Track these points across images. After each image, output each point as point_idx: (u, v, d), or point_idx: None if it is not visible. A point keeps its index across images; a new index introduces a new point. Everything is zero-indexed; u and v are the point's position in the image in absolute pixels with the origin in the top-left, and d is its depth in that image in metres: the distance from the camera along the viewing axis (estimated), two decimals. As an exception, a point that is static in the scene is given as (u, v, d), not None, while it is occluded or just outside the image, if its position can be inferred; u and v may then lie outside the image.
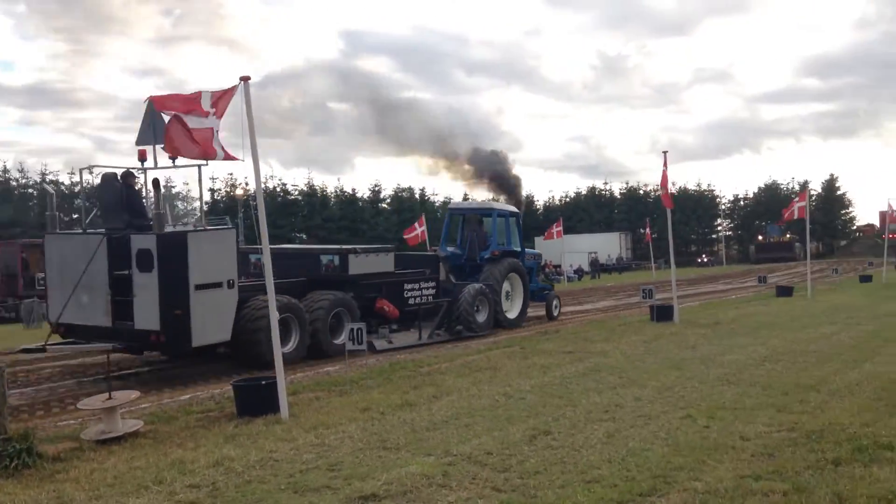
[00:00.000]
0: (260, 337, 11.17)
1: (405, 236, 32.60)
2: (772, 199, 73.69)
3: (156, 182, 11.32)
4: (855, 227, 76.61)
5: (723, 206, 77.53)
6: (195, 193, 63.46)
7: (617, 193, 77.84)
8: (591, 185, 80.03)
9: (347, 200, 62.35)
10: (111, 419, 7.31)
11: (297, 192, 59.96)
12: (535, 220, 61.34)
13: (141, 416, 8.21)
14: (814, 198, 66.60)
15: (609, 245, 61.68)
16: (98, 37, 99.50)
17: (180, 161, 9.40)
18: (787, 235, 64.42)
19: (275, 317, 8.21)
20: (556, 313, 19.46)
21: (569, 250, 47.47)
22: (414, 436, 6.88)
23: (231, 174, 54.56)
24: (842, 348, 11.55)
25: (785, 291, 23.98)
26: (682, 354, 11.42)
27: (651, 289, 18.78)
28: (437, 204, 68.60)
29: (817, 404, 7.57)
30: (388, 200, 66.00)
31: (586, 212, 74.54)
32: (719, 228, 78.30)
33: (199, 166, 10.71)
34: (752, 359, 10.73)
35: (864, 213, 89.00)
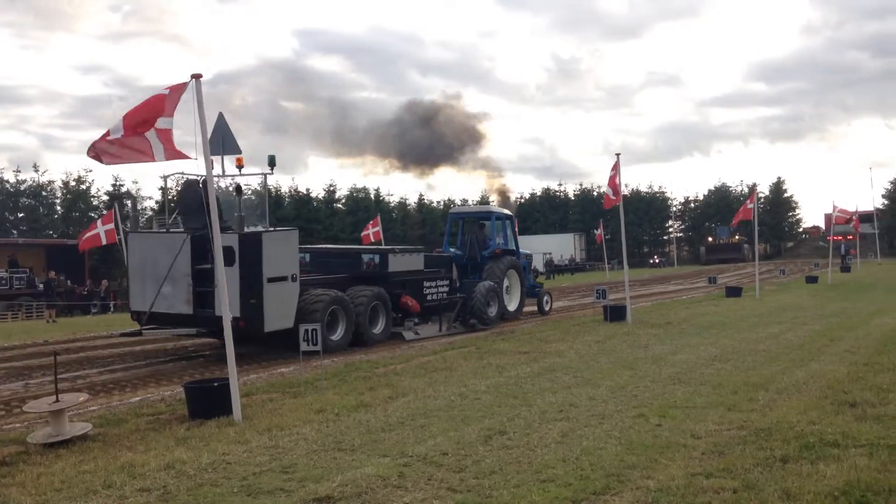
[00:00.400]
0: (332, 325, 13.21)
1: (361, 235, 32.49)
2: (721, 202, 75.16)
3: (238, 188, 13.08)
4: (801, 229, 78.48)
5: (674, 208, 78.80)
6: (145, 192, 62.30)
7: (571, 195, 78.60)
8: (545, 187, 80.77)
9: (302, 200, 61.79)
10: (59, 422, 7.14)
11: (250, 192, 59.30)
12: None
13: (90, 418, 8.02)
14: (762, 200, 68.10)
15: (563, 246, 62.24)
16: (44, 32, 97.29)
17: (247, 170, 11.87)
18: (736, 237, 65.73)
19: (227, 317, 8.10)
20: (547, 308, 20.85)
21: (524, 251, 47.67)
22: (369, 437, 6.85)
23: (182, 174, 53.64)
24: (789, 347, 11.81)
25: (734, 292, 24.46)
26: (634, 354, 11.57)
27: (604, 289, 18.99)
28: (392, 204, 68.50)
29: (765, 403, 7.73)
30: (343, 200, 65.61)
31: (541, 213, 75.14)
32: (671, 230, 79.57)
33: (265, 174, 13.20)
34: (702, 358, 10.92)
35: (810, 215, 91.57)
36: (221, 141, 13.06)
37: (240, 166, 13.08)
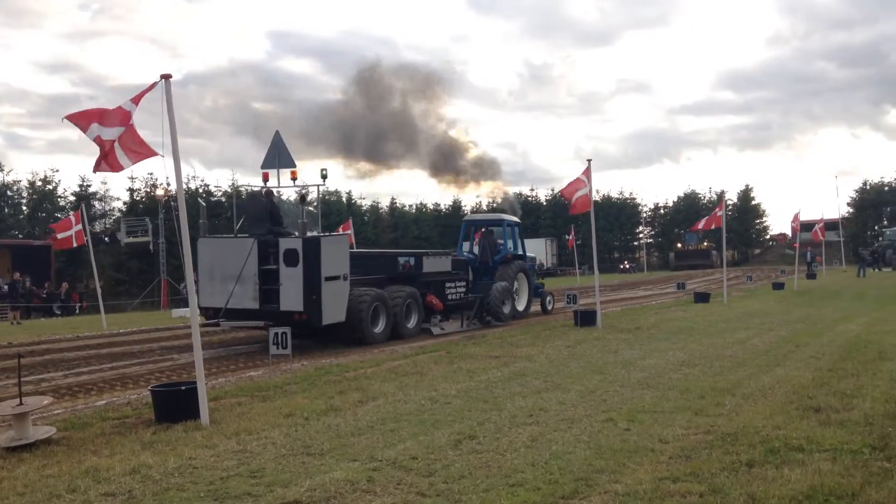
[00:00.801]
0: (363, 318, 14.53)
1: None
2: (690, 208, 75.89)
3: (303, 198, 14.88)
4: (768, 236, 79.52)
5: (644, 215, 79.46)
6: (113, 193, 61.55)
7: (543, 200, 78.93)
8: (517, 192, 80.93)
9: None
10: (22, 425, 7.03)
11: (220, 194, 58.70)
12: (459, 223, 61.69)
13: (54, 422, 7.90)
14: (730, 207, 68.90)
15: (535, 251, 62.31)
16: (10, 30, 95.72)
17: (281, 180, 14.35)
18: (705, 243, 66.45)
19: (196, 320, 8.02)
20: (549, 308, 22.72)
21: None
22: (339, 441, 6.82)
23: (151, 174, 52.95)
24: (755, 353, 11.96)
25: (702, 298, 24.73)
26: (604, 359, 11.64)
27: (575, 294, 19.09)
28: (364, 207, 68.26)
29: (732, 407, 7.82)
30: (315, 204, 65.26)
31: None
32: (641, 236, 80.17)
33: (318, 186, 15.24)
34: (670, 363, 11.02)
35: (777, 222, 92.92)
36: (277, 156, 15.09)
37: (294, 178, 15.25)
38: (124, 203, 53.67)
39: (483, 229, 21.83)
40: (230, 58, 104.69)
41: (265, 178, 15.27)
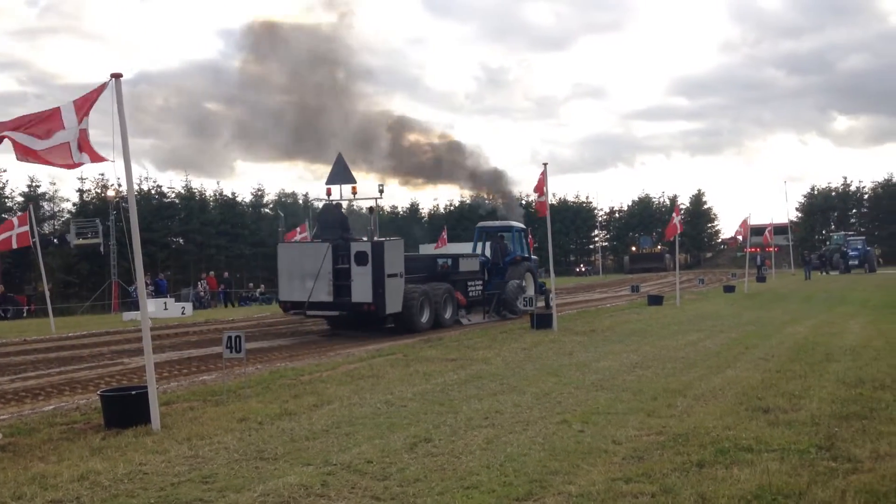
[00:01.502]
0: (414, 309, 17.14)
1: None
2: (644, 212, 77.04)
3: (372, 209, 18.58)
4: (720, 240, 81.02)
5: (600, 218, 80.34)
6: (62, 193, 60.22)
7: (500, 203, 79.25)
8: (475, 195, 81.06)
9: (228, 204, 60.60)
10: (-37, 433, 6.82)
11: (173, 195, 57.84)
12: (420, 229, 61.61)
13: (0, 428, 7.70)
14: (683, 212, 70.04)
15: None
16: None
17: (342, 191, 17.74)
18: (658, 247, 67.48)
19: (146, 323, 7.89)
20: (552, 304, 23.41)
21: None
22: (293, 445, 6.76)
23: (102, 174, 51.92)
24: (707, 355, 12.17)
25: (656, 300, 25.09)
26: (559, 361, 11.74)
27: (532, 297, 19.21)
28: (320, 210, 67.66)
29: (684, 409, 7.94)
30: (272, 205, 64.65)
31: (470, 220, 75.41)
32: (596, 239, 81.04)
33: (376, 199, 18.22)
34: (624, 365, 11.15)
35: (728, 226, 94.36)
36: (341, 173, 17.94)
37: (354, 193, 18.22)
38: (74, 204, 52.57)
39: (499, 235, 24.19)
40: (182, 57, 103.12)
41: (328, 193, 18.31)
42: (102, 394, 8.11)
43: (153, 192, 56.36)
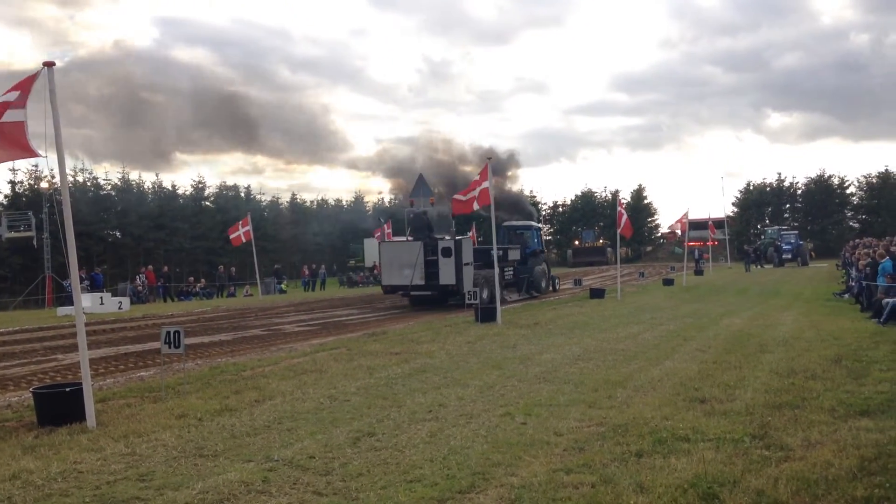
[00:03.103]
0: (479, 290, 20.08)
1: (229, 235, 31.58)
2: (587, 206, 77.99)
3: (450, 213, 23.62)
4: (659, 234, 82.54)
5: (543, 212, 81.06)
6: (-6, 184, 58.01)
7: (445, 197, 79.33)
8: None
9: (167, 197, 59.30)
10: None
11: (109, 187, 56.31)
12: (364, 221, 61.30)
13: (-78, 429, 7.40)
14: (624, 206, 71.23)
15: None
16: None
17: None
18: (601, 241, 68.40)
19: (81, 318, 7.67)
20: (557, 288, 30.91)
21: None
22: (233, 442, 6.67)
23: (35, 166, 50.22)
24: (646, 347, 12.40)
25: (598, 293, 25.45)
26: (503, 354, 11.82)
27: (476, 291, 19.29)
28: (263, 203, 66.83)
29: (623, 400, 8.08)
30: (212, 198, 63.50)
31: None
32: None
33: (450, 207, 21.47)
34: (566, 357, 11.29)
35: (668, 220, 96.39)
36: (422, 189, 24.51)
37: (432, 203, 24.55)
38: (5, 196, 50.75)
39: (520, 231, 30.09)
40: (116, 44, 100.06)
41: (411, 203, 24.97)
42: (35, 391, 7.87)
43: (88, 184, 54.83)
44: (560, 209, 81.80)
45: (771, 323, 15.97)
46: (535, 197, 80.00)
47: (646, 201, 79.99)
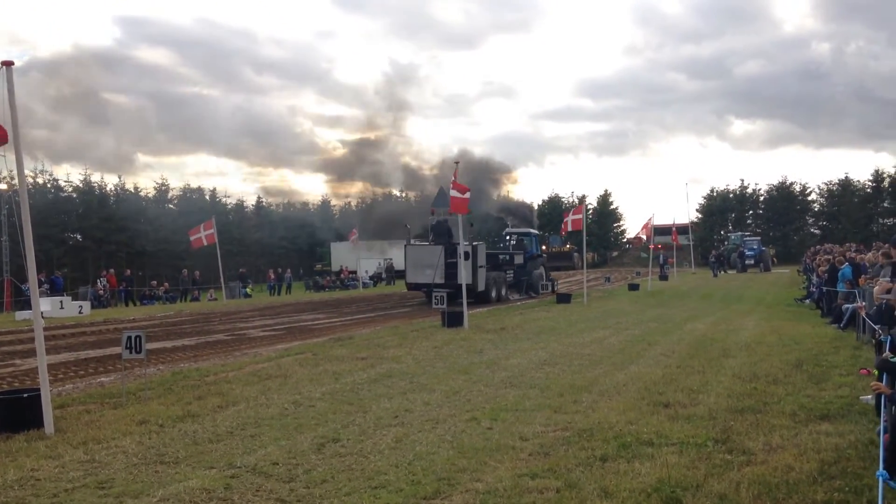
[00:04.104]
0: (490, 287, 26.53)
1: (190, 238, 31.15)
2: (554, 211, 78.38)
3: (472, 223, 27.06)
4: (625, 240, 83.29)
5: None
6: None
7: (412, 201, 79.27)
8: (386, 192, 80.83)
9: (129, 199, 58.40)
10: None
11: (70, 189, 55.36)
12: (331, 225, 61.00)
13: None
14: (591, 211, 71.77)
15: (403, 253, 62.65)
16: None
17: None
18: (568, 246, 68.81)
19: (39, 322, 7.51)
20: (556, 289, 31.27)
21: (365, 256, 47.71)
22: (195, 448, 6.57)
23: (439, 215, 49.25)
24: (611, 351, 12.49)
25: (564, 298, 25.62)
26: (470, 359, 11.82)
27: (443, 295, 19.25)
28: (229, 206, 66.16)
29: (588, 404, 8.12)
30: (176, 201, 62.72)
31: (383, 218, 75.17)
32: (508, 237, 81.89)
33: (470, 213, 24.03)
34: (532, 362, 11.32)
35: (634, 226, 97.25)
36: (443, 198, 25.02)
37: (451, 213, 24.16)
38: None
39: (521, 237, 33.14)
40: (76, 44, 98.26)
41: (433, 213, 27.75)
42: (-10, 397, 7.69)
43: (49, 185, 53.84)
44: (471, 222, 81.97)
45: (734, 328, 16.18)
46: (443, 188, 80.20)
47: (612, 207, 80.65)
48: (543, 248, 48.68)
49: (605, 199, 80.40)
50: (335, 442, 6.68)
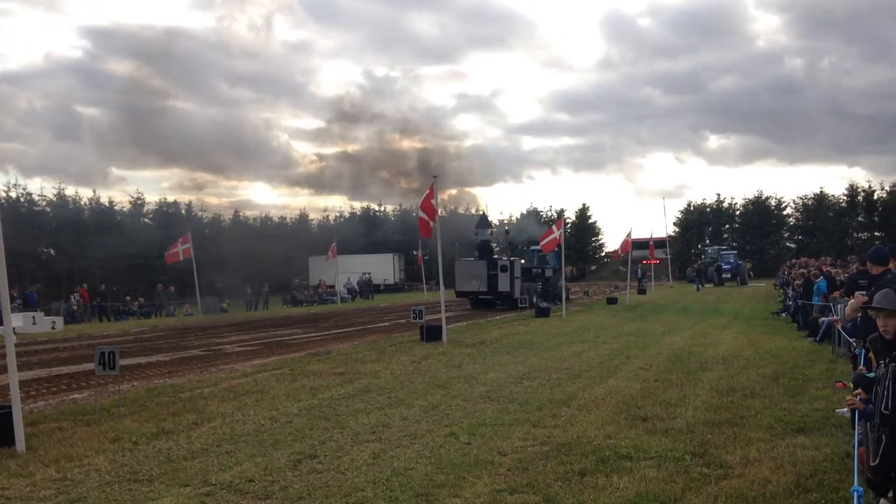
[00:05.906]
0: (524, 297, 30.63)
1: (167, 253, 30.88)
2: (533, 226, 78.71)
3: (510, 241, 39.23)
4: (604, 253, 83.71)
5: (490, 231, 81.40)
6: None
7: (391, 215, 79.23)
8: (365, 206, 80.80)
9: (103, 213, 57.79)
10: None
11: (44, 203, 54.73)
12: (308, 238, 60.73)
13: None
14: (569, 226, 72.06)
15: (383, 266, 62.59)
16: None
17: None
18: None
19: (10, 338, 7.39)
20: (571, 297, 35.55)
21: (343, 271, 47.57)
22: (170, 466, 6.47)
23: (482, 229, 48.69)
24: (590, 365, 12.50)
25: (543, 312, 25.65)
26: (448, 374, 11.77)
27: (421, 309, 19.22)
28: (205, 220, 65.68)
29: (567, 418, 8.11)
30: (151, 215, 62.17)
31: (360, 233, 75.00)
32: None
33: (507, 231, 40.26)
34: (511, 376, 11.30)
35: (612, 240, 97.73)
36: (484, 222, 37.19)
37: (491, 232, 34.17)
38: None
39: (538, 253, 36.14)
40: (48, 56, 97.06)
41: (476, 233, 34.57)
42: (-41, 415, 7.54)
43: (21, 199, 53.20)
44: (506, 228, 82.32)
45: (711, 341, 16.27)
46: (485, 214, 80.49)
47: (590, 221, 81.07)
48: (523, 261, 49.23)
49: (583, 214, 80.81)
50: (312, 458, 6.61)
